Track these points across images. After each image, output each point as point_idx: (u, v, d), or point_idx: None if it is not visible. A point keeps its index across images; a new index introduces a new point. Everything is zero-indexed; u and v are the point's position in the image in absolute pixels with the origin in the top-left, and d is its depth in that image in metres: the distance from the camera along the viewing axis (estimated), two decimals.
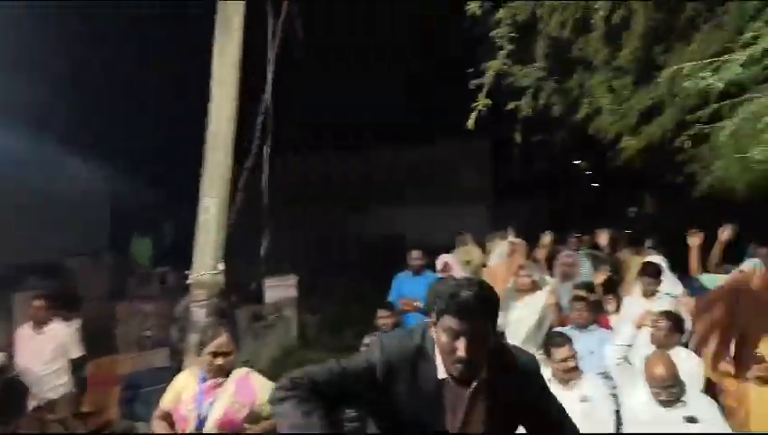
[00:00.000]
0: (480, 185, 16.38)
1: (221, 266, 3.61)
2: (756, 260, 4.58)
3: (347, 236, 15.21)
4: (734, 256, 4.95)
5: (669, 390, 2.91)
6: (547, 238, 5.70)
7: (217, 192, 3.57)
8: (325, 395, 1.53)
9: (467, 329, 1.54)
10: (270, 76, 3.35)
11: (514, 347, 1.85)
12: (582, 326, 3.96)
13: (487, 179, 16.76)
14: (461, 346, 1.54)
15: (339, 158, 16.78)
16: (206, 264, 3.61)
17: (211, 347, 2.67)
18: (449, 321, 1.55)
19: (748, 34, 3.00)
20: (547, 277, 5.08)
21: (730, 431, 2.99)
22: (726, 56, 2.97)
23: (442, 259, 5.64)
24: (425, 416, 1.63)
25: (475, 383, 1.62)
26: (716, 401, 3.25)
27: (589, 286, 4.58)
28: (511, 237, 5.71)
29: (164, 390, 2.81)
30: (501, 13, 3.62)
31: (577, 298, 4.12)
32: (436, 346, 1.63)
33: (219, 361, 2.68)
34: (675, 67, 3.41)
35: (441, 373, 1.62)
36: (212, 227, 3.61)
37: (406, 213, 14.79)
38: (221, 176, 3.57)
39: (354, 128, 14.61)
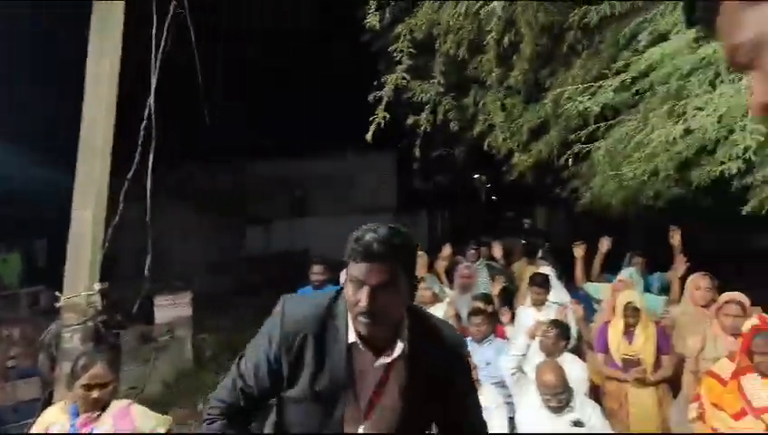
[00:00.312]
0: (383, 198, 16.62)
1: (97, 286, 3.25)
2: (632, 269, 4.91)
3: (247, 251, 14.69)
4: (612, 265, 5.34)
5: (559, 396, 3.05)
6: (447, 250, 5.84)
7: (93, 204, 3.23)
8: (246, 408, 1.49)
9: (371, 276, 1.32)
10: (154, 79, 3.12)
11: (437, 318, 1.65)
12: (480, 340, 4.06)
13: (390, 192, 17.05)
14: (363, 295, 1.32)
15: (238, 169, 16.22)
16: (80, 283, 3.24)
17: (84, 379, 2.38)
18: (354, 268, 1.35)
19: (620, 62, 3.27)
20: (447, 289, 5.19)
21: (611, 431, 3.19)
22: (601, 82, 3.21)
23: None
24: (329, 386, 1.39)
25: (396, 353, 1.40)
26: (599, 403, 3.47)
27: (487, 298, 4.71)
28: None
29: (32, 426, 2.51)
30: (399, 27, 3.67)
31: (475, 311, 4.21)
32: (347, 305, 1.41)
33: (94, 394, 2.39)
34: (558, 90, 3.65)
35: (352, 336, 1.40)
36: (86, 243, 3.25)
37: (309, 226, 14.60)
38: (97, 186, 3.23)
39: (255, 138, 14.21)
